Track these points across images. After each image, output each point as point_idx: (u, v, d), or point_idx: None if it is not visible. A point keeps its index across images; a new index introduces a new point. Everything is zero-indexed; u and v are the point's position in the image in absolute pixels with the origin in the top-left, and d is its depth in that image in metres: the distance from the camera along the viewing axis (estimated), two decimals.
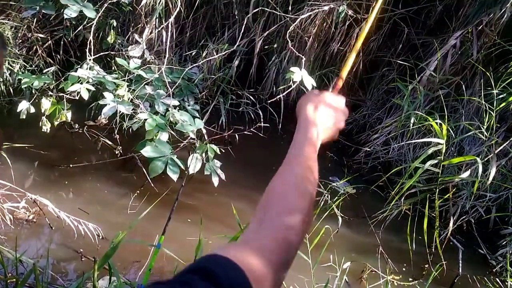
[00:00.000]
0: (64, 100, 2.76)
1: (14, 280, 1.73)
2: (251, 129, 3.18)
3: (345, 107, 0.80)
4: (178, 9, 3.30)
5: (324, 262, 2.26)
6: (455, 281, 2.69)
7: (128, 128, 2.91)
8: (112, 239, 1.74)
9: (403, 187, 2.55)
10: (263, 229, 0.56)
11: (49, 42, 3.60)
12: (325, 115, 0.75)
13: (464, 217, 3.03)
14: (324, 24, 3.67)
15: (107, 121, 3.01)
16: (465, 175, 2.50)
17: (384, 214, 2.89)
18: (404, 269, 2.74)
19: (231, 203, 2.17)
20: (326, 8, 3.48)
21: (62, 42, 3.65)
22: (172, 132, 2.80)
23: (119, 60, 3.02)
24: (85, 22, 3.30)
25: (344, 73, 0.91)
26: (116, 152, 3.12)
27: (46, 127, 2.72)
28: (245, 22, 3.46)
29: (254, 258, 0.49)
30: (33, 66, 3.48)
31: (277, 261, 0.52)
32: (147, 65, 3.24)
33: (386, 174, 2.88)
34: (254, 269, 0.47)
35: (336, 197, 2.77)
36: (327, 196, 2.82)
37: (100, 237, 2.40)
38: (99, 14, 2.97)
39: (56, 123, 2.76)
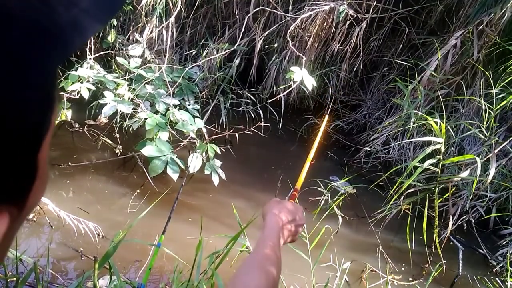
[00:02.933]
0: (64, 99, 2.76)
1: (15, 279, 1.73)
2: (252, 129, 3.18)
3: (303, 216, 0.93)
4: (178, 9, 3.30)
5: (324, 262, 2.26)
6: (455, 281, 2.69)
7: (128, 127, 2.91)
8: (112, 238, 1.74)
9: (402, 186, 2.55)
10: None
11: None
12: (287, 218, 0.89)
13: (464, 217, 3.03)
14: (325, 24, 3.67)
15: (108, 120, 3.01)
16: (464, 174, 2.50)
17: (383, 213, 2.89)
18: (404, 268, 2.74)
19: (231, 202, 2.17)
20: (326, 7, 3.48)
21: None
22: (172, 132, 2.80)
23: (119, 59, 3.02)
24: None
25: (299, 185, 1.07)
26: (116, 151, 3.12)
27: None
28: (245, 22, 3.46)
29: None
30: None
31: None
32: (148, 64, 3.24)
33: (386, 174, 2.88)
34: None
35: (336, 197, 2.77)
36: (327, 196, 2.83)
37: (100, 236, 2.41)
38: None
39: (56, 122, 2.76)
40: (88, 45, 2.93)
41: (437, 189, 2.49)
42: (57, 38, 0.27)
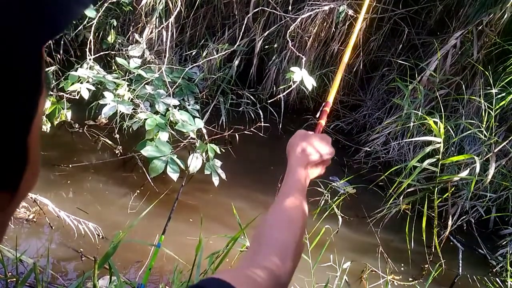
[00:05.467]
0: (64, 99, 2.76)
1: (14, 279, 1.73)
2: (251, 129, 3.18)
3: (331, 146, 0.86)
4: (178, 9, 3.31)
5: (324, 262, 2.26)
6: (455, 281, 2.69)
7: (128, 128, 2.91)
8: (112, 239, 1.74)
9: (402, 185, 2.55)
10: (256, 261, 0.62)
11: (49, 41, 3.60)
12: (313, 157, 0.82)
13: (464, 217, 3.03)
14: (325, 24, 3.67)
15: (107, 120, 3.01)
16: (463, 174, 2.50)
17: (382, 213, 2.89)
18: (404, 268, 2.74)
19: (231, 202, 2.17)
20: (326, 8, 3.49)
21: (62, 42, 3.65)
22: (172, 132, 2.80)
23: (119, 60, 3.02)
24: (85, 22, 3.31)
25: (331, 98, 0.98)
26: (116, 152, 3.12)
27: (46, 126, 2.72)
28: (245, 22, 3.46)
29: (249, 285, 0.55)
30: None
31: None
32: (147, 65, 3.24)
33: (386, 174, 2.88)
34: None
35: (336, 197, 2.77)
36: (327, 196, 2.83)
37: (100, 237, 2.41)
38: (100, 14, 2.97)
39: (56, 122, 2.76)
40: (88, 45, 2.93)
41: (436, 189, 2.49)
42: (45, 15, 0.26)
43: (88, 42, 2.92)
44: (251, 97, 3.90)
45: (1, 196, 0.27)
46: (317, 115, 0.92)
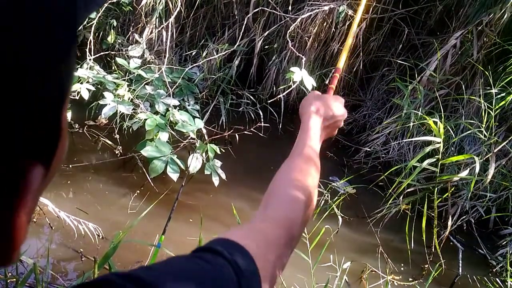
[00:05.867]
0: None
1: (14, 279, 1.73)
2: (251, 129, 3.18)
3: (344, 108, 0.86)
4: (178, 9, 3.31)
5: (324, 262, 2.26)
6: (455, 281, 2.69)
7: (128, 128, 2.91)
8: (112, 239, 1.74)
9: (401, 185, 2.55)
10: (268, 215, 0.61)
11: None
12: (326, 116, 0.82)
13: (464, 217, 3.03)
14: (324, 24, 3.68)
15: (107, 121, 3.01)
16: (463, 174, 2.50)
17: (382, 213, 2.89)
18: (404, 269, 2.74)
19: (231, 202, 2.17)
20: (326, 8, 3.49)
21: None
22: (172, 132, 2.80)
23: (119, 60, 3.02)
24: (85, 22, 3.30)
25: (341, 64, 0.98)
26: (116, 152, 3.12)
27: None
28: (245, 22, 3.46)
29: (258, 240, 0.52)
30: None
31: (279, 244, 0.56)
32: (147, 65, 3.24)
33: (386, 174, 2.88)
34: (257, 250, 0.49)
35: (336, 197, 2.77)
36: (327, 196, 2.83)
37: (100, 237, 2.41)
38: (99, 14, 2.97)
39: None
40: (88, 45, 2.93)
41: (436, 189, 2.49)
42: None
43: (88, 42, 2.92)
44: (251, 97, 3.90)
45: (38, 170, 0.27)
46: (327, 81, 0.92)
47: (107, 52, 3.30)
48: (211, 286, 0.41)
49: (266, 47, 3.90)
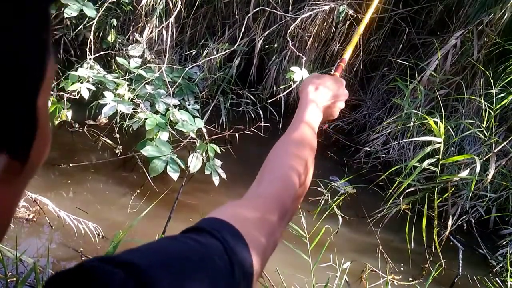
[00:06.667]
0: (64, 99, 2.76)
1: (14, 279, 1.73)
2: (252, 129, 3.18)
3: (346, 89, 0.85)
4: (178, 9, 3.30)
5: (324, 262, 2.26)
6: (455, 281, 2.69)
7: (128, 128, 2.91)
8: (112, 239, 1.74)
9: (402, 185, 2.55)
10: (260, 192, 0.61)
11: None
12: (325, 95, 0.81)
13: (464, 217, 3.03)
14: (325, 24, 3.67)
15: (107, 120, 3.00)
16: (463, 174, 2.50)
17: (382, 213, 2.89)
18: (404, 268, 2.74)
19: None
20: (326, 7, 3.48)
21: (62, 41, 3.65)
22: (173, 132, 2.80)
23: (119, 59, 3.02)
24: (85, 21, 3.30)
25: (347, 55, 0.97)
26: (116, 152, 3.12)
27: None
28: (245, 22, 3.46)
29: (248, 218, 0.52)
30: None
31: (270, 221, 0.55)
32: (148, 65, 3.24)
33: (386, 174, 2.88)
34: (246, 228, 0.48)
35: (336, 197, 2.77)
36: (327, 196, 2.83)
37: (100, 236, 2.41)
38: (100, 13, 2.97)
39: (56, 122, 2.76)
40: (88, 45, 2.93)
41: (436, 189, 2.49)
42: None
43: (88, 41, 2.92)
44: (251, 96, 3.90)
45: (11, 165, 0.26)
46: (332, 71, 0.93)
47: (107, 52, 3.30)
48: (199, 264, 0.40)
49: (266, 46, 3.90)
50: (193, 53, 3.83)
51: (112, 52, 3.38)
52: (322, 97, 0.80)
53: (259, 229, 0.51)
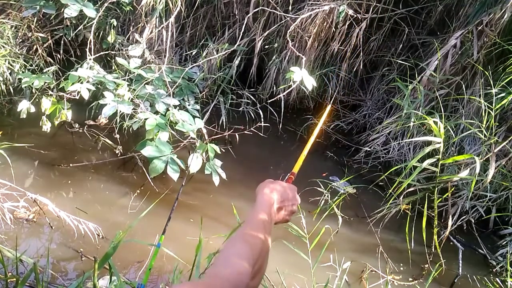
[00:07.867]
0: (65, 99, 2.76)
1: (14, 279, 1.73)
2: (251, 129, 3.18)
3: (297, 195, 0.95)
4: (178, 9, 3.30)
5: (324, 262, 2.26)
6: (455, 281, 2.69)
7: (128, 128, 2.91)
8: (112, 239, 1.74)
9: (402, 185, 2.55)
10: (214, 272, 0.68)
11: (50, 41, 3.60)
12: (278, 198, 0.91)
13: (464, 217, 3.03)
14: (325, 24, 3.67)
15: (107, 120, 3.01)
16: (463, 174, 2.50)
17: (382, 213, 2.89)
18: (404, 268, 2.74)
19: (231, 202, 2.17)
20: (326, 7, 3.48)
21: (62, 42, 3.65)
22: (173, 132, 2.80)
23: (119, 60, 3.02)
24: (85, 22, 3.31)
25: (296, 169, 1.08)
26: (116, 152, 3.12)
27: (46, 126, 2.72)
28: (245, 22, 3.46)
29: None
30: (34, 66, 3.48)
31: None
32: (147, 65, 3.24)
33: (386, 174, 2.88)
34: None
35: (336, 197, 2.77)
36: (327, 196, 2.83)
37: (100, 237, 2.41)
38: (100, 14, 2.97)
39: (56, 122, 2.76)
40: (88, 45, 2.93)
41: (436, 189, 2.49)
42: None
43: (88, 42, 2.92)
44: (251, 97, 3.90)
45: None
46: (285, 179, 1.00)
47: (107, 52, 3.30)
48: None
49: (266, 47, 3.90)
50: (193, 53, 3.83)
51: (112, 52, 3.38)
52: (276, 199, 0.90)
53: None
